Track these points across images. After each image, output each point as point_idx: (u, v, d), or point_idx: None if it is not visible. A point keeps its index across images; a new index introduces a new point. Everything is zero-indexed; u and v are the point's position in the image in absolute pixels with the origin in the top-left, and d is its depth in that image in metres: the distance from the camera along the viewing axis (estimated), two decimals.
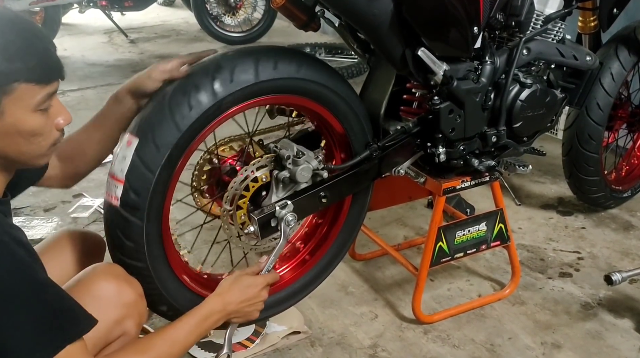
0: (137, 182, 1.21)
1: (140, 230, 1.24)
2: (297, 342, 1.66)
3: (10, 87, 0.92)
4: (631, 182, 2.39)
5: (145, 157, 1.21)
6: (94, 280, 1.10)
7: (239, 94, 1.28)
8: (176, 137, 1.23)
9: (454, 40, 1.46)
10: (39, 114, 0.97)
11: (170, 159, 1.24)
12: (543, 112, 1.68)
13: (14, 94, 0.93)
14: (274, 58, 1.32)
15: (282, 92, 1.35)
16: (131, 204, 1.22)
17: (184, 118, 1.23)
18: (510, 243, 1.82)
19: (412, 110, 1.63)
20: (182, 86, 1.25)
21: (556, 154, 2.41)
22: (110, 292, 1.09)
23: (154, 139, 1.22)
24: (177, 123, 1.23)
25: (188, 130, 1.24)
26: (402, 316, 1.77)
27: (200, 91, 1.24)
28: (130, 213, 1.23)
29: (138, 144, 1.21)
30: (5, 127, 0.94)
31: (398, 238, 2.17)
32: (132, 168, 1.22)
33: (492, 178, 1.72)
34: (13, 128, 0.95)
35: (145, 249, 1.26)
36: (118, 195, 1.22)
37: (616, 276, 1.65)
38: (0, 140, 0.95)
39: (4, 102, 0.92)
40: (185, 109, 1.23)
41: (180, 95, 1.24)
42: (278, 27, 5.24)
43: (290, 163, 1.40)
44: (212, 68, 1.26)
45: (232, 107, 1.30)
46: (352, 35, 1.59)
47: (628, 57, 2.08)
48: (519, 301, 1.84)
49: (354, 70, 3.87)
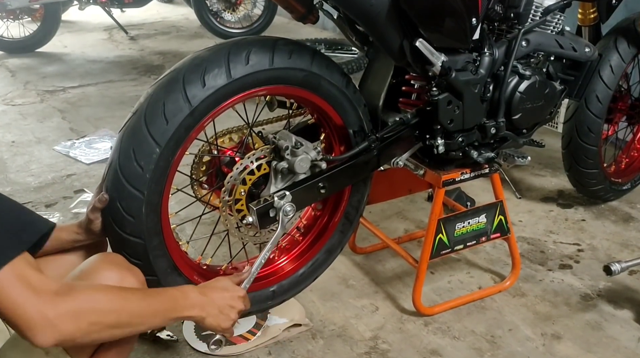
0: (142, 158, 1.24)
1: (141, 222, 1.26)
2: (298, 334, 1.66)
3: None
4: (631, 174, 2.39)
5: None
6: (96, 269, 1.10)
7: (239, 82, 1.28)
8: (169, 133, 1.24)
9: (452, 32, 1.45)
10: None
11: (166, 152, 1.25)
12: (542, 104, 1.68)
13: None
14: (289, 48, 1.32)
15: (281, 82, 1.35)
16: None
17: (175, 116, 1.24)
18: (511, 236, 1.82)
19: (411, 101, 1.63)
20: (195, 65, 1.26)
21: (556, 147, 2.41)
22: (113, 280, 1.09)
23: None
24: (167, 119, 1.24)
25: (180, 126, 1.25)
26: (403, 308, 1.78)
27: (213, 72, 1.25)
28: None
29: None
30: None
31: (398, 231, 2.18)
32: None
33: (492, 170, 1.72)
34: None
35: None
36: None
37: (615, 266, 1.65)
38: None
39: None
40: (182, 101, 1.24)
41: (194, 73, 1.25)
42: (278, 23, 5.24)
43: (289, 154, 1.40)
44: (224, 52, 1.27)
45: (232, 97, 1.30)
46: (350, 27, 1.59)
47: (627, 49, 2.08)
48: (519, 293, 1.85)
49: (354, 66, 3.86)
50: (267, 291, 1.56)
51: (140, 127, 1.22)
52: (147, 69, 4.27)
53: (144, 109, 1.23)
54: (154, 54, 4.73)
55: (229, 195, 1.42)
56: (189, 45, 4.97)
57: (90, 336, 0.92)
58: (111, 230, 1.26)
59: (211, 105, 1.28)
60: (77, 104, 3.58)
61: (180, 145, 1.27)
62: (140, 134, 1.22)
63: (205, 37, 5.16)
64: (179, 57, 4.46)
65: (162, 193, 1.29)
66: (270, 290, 1.56)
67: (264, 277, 1.58)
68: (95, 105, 3.58)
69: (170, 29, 5.67)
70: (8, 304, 0.84)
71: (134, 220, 1.25)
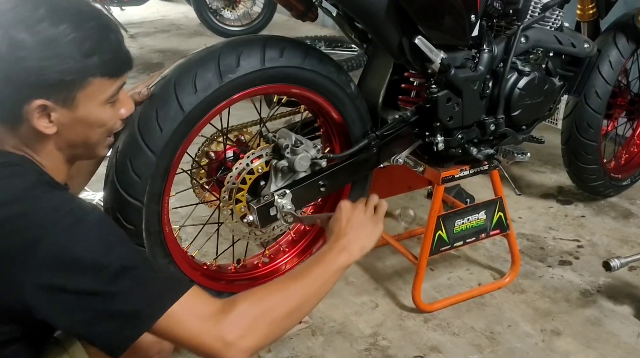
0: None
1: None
2: (298, 331, 1.67)
3: (85, 82, 0.93)
4: (630, 170, 2.39)
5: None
6: None
7: (231, 85, 1.28)
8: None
9: (451, 29, 1.46)
10: (108, 106, 0.99)
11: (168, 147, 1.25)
12: (541, 100, 1.68)
13: (88, 88, 0.94)
14: (281, 46, 1.32)
15: (275, 81, 1.35)
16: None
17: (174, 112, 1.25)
18: (510, 232, 1.82)
19: (411, 99, 1.63)
20: (187, 70, 1.26)
21: (556, 143, 2.41)
22: None
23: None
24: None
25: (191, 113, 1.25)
26: (403, 305, 1.78)
27: (205, 73, 1.25)
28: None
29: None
30: (77, 119, 0.95)
31: (398, 228, 2.17)
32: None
33: (491, 166, 1.72)
34: (84, 120, 0.96)
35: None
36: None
37: (614, 262, 1.66)
38: (70, 130, 0.96)
39: (78, 96, 0.94)
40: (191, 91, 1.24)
41: (185, 79, 1.25)
42: (278, 21, 5.23)
43: (289, 152, 1.41)
44: (214, 56, 1.27)
45: (225, 99, 1.30)
46: (349, 24, 1.59)
47: (626, 45, 2.08)
48: (518, 289, 1.85)
49: (354, 63, 3.85)
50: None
51: (136, 138, 1.23)
52: (147, 67, 4.27)
53: (136, 120, 1.23)
54: (153, 52, 4.73)
55: (229, 195, 1.42)
56: (188, 43, 4.96)
57: (273, 335, 0.95)
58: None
59: (205, 110, 1.28)
60: None
61: (177, 150, 1.27)
62: (137, 145, 1.23)
63: (205, 35, 5.16)
64: (179, 55, 4.46)
65: (162, 196, 1.30)
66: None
67: (269, 274, 1.59)
68: None
69: (170, 27, 5.67)
70: (188, 340, 0.89)
71: (135, 229, 1.27)
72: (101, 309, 0.85)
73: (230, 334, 0.90)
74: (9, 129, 0.95)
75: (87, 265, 0.84)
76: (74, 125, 0.96)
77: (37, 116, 0.92)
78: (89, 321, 0.86)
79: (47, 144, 0.96)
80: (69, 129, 0.96)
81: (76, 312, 0.85)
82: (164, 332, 0.88)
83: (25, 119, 0.92)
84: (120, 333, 0.86)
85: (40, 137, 0.95)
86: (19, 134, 0.95)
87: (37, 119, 0.92)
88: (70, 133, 0.97)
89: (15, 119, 0.93)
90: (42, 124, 0.93)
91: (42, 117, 0.93)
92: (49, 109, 0.92)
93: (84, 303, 0.85)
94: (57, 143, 0.97)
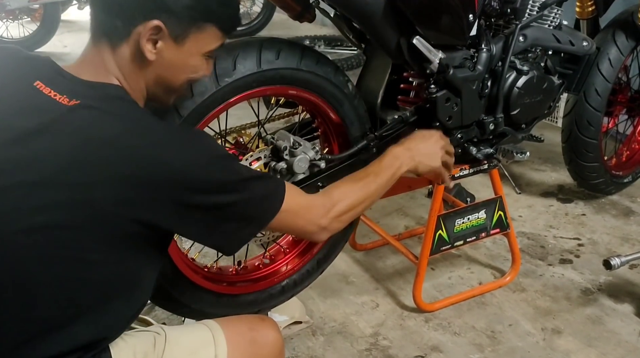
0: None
1: None
2: (299, 331, 1.67)
3: (204, 26, 0.98)
4: (631, 167, 2.39)
5: None
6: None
7: (228, 88, 1.28)
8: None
9: (449, 28, 1.45)
10: (203, 58, 1.03)
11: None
12: (540, 99, 1.68)
13: (203, 33, 0.99)
14: (276, 48, 1.32)
15: (272, 83, 1.34)
16: None
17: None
18: (510, 231, 1.82)
19: (409, 99, 1.63)
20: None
21: (556, 141, 2.41)
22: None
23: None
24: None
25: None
26: (403, 305, 1.78)
27: (201, 81, 1.25)
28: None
29: None
30: (177, 57, 0.99)
31: (399, 228, 2.18)
32: None
33: (491, 166, 1.72)
34: (182, 61, 1.00)
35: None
36: None
37: (615, 261, 1.65)
38: (165, 66, 0.99)
39: (190, 36, 0.98)
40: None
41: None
42: (277, 21, 5.23)
43: (287, 154, 1.41)
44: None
45: (223, 102, 1.30)
46: (347, 25, 1.59)
47: (626, 42, 2.08)
48: (519, 288, 1.85)
49: (353, 62, 3.86)
50: (278, 287, 1.57)
51: None
52: None
53: None
54: None
55: None
56: None
57: (348, 222, 1.18)
58: None
59: (202, 114, 1.28)
60: None
61: None
62: None
63: None
64: None
65: None
66: (280, 286, 1.58)
67: (270, 276, 1.59)
68: None
69: None
70: (296, 228, 1.10)
71: None
72: (226, 217, 0.97)
73: (326, 222, 1.11)
74: (110, 48, 0.96)
75: (214, 183, 0.93)
76: (172, 61, 0.99)
77: (147, 38, 0.95)
78: (213, 227, 0.97)
79: (140, 72, 0.99)
80: (164, 64, 0.99)
81: (203, 221, 0.95)
82: (274, 226, 1.04)
83: (133, 37, 0.95)
84: (240, 233, 1.01)
85: (138, 62, 0.97)
86: (118, 55, 0.96)
87: (146, 40, 0.95)
88: (164, 68, 0.99)
89: (122, 35, 0.95)
90: (148, 47, 0.95)
91: (149, 41, 0.95)
92: (160, 35, 0.95)
93: (212, 213, 0.95)
94: (148, 73, 0.99)
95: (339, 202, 1.14)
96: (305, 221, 1.09)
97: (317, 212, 1.10)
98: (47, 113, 0.90)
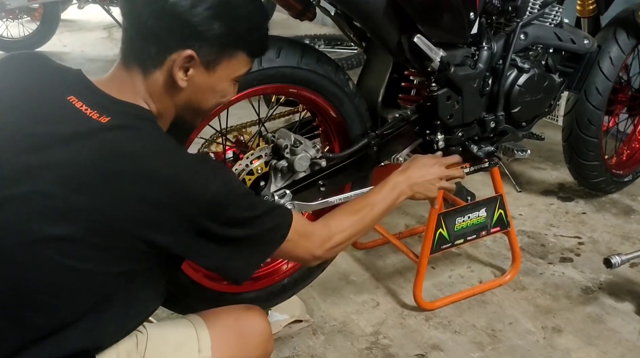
0: None
1: None
2: (299, 330, 1.67)
3: (235, 52, 1.01)
4: (632, 166, 2.39)
5: None
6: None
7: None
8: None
9: (450, 27, 1.45)
10: (232, 82, 1.05)
11: None
12: (541, 97, 1.68)
13: (233, 59, 1.01)
14: (277, 46, 1.32)
15: (273, 81, 1.34)
16: None
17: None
18: (511, 229, 1.82)
19: (410, 97, 1.63)
20: None
21: (557, 140, 2.40)
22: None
23: None
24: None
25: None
26: (404, 303, 1.78)
27: None
28: None
29: None
30: (208, 83, 1.01)
31: (399, 226, 2.18)
32: None
33: (492, 164, 1.72)
34: (212, 86, 1.02)
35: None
36: None
37: (615, 259, 1.65)
38: (196, 91, 1.01)
39: (222, 63, 1.00)
40: None
41: None
42: (277, 20, 5.22)
43: (288, 152, 1.40)
44: None
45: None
46: (348, 23, 1.59)
47: (627, 40, 2.07)
48: (519, 286, 1.85)
49: (353, 61, 3.86)
50: (279, 285, 1.57)
51: None
52: None
53: None
54: None
55: None
56: None
57: (340, 252, 1.24)
58: None
59: None
60: None
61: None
62: None
63: None
64: None
65: None
66: (281, 284, 1.58)
67: (270, 275, 1.59)
68: None
69: None
70: (293, 255, 1.13)
71: None
72: (236, 248, 0.99)
73: (320, 252, 1.13)
74: (143, 74, 0.98)
75: (232, 217, 0.96)
76: (202, 87, 1.01)
77: (180, 66, 0.96)
78: (221, 256, 0.98)
79: (169, 97, 1.00)
80: (195, 90, 1.00)
81: (213, 250, 0.96)
82: (277, 255, 1.08)
83: (167, 66, 0.96)
84: (247, 263, 1.03)
85: (169, 88, 0.99)
86: (149, 80, 0.98)
87: (179, 69, 0.96)
88: (195, 93, 1.01)
89: (155, 64, 0.97)
90: (179, 74, 0.97)
91: (181, 69, 0.97)
92: (192, 64, 0.97)
93: (222, 244, 0.96)
94: (178, 98, 1.01)
95: (336, 235, 1.15)
96: (302, 250, 1.11)
97: (314, 243, 1.12)
98: (77, 124, 0.91)
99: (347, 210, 1.22)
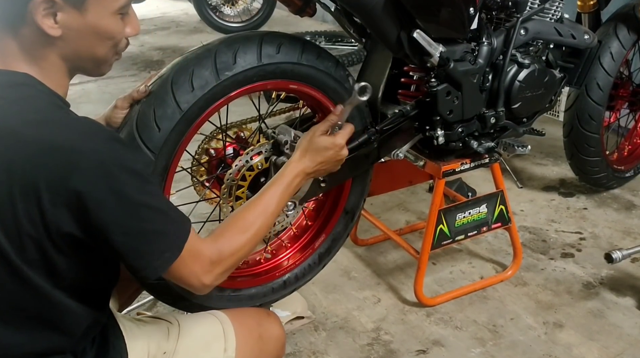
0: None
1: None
2: (301, 326, 1.67)
3: None
4: (633, 161, 2.39)
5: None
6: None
7: (228, 82, 1.28)
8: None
9: (450, 22, 1.45)
10: (117, 17, 0.96)
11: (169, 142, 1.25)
12: (542, 92, 1.68)
13: None
14: (277, 42, 1.31)
15: (273, 77, 1.34)
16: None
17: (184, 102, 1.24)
18: (512, 225, 1.82)
19: (410, 93, 1.63)
20: (184, 68, 1.25)
21: (557, 135, 2.40)
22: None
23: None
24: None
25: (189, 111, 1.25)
26: (405, 299, 1.78)
27: (202, 71, 1.24)
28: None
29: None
30: (85, 24, 0.92)
31: (400, 223, 2.18)
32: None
33: (492, 160, 1.72)
34: (92, 27, 0.93)
35: None
36: None
37: (616, 254, 1.65)
38: (77, 37, 0.93)
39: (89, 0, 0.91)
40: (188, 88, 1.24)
41: (182, 77, 1.24)
42: (277, 17, 5.22)
43: (288, 148, 1.40)
44: (211, 53, 1.27)
45: (223, 97, 1.29)
46: (348, 19, 1.59)
47: (628, 36, 2.07)
48: (521, 282, 1.85)
49: (354, 58, 3.85)
50: (279, 281, 1.57)
51: (135, 137, 1.22)
52: (147, 65, 4.27)
53: (134, 120, 1.23)
54: (153, 50, 4.72)
55: (228, 194, 1.42)
56: (188, 40, 4.96)
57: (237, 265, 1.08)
58: None
59: (202, 108, 1.27)
60: (77, 101, 3.58)
61: (176, 149, 1.27)
62: (135, 144, 1.22)
63: (205, 32, 5.16)
64: (179, 52, 4.45)
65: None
66: (282, 280, 1.58)
67: (271, 270, 1.59)
68: (95, 101, 3.58)
69: (170, 24, 5.67)
70: (178, 279, 0.98)
71: None
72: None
73: (210, 279, 1.00)
74: (12, 34, 0.90)
75: (122, 194, 0.87)
76: (82, 31, 0.92)
77: (43, 14, 0.88)
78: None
79: (51, 52, 0.92)
80: (75, 35, 0.92)
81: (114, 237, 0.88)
82: (168, 273, 0.95)
83: (30, 18, 0.88)
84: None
85: (44, 42, 0.91)
86: (22, 39, 0.90)
87: (42, 17, 0.88)
88: (77, 40, 0.93)
89: (18, 19, 0.89)
90: (47, 23, 0.89)
91: (47, 16, 0.89)
92: (56, 7, 0.88)
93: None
94: (61, 50, 0.93)
95: (227, 258, 1.03)
96: (188, 273, 0.98)
97: (203, 266, 0.99)
98: None
99: (239, 225, 1.07)
